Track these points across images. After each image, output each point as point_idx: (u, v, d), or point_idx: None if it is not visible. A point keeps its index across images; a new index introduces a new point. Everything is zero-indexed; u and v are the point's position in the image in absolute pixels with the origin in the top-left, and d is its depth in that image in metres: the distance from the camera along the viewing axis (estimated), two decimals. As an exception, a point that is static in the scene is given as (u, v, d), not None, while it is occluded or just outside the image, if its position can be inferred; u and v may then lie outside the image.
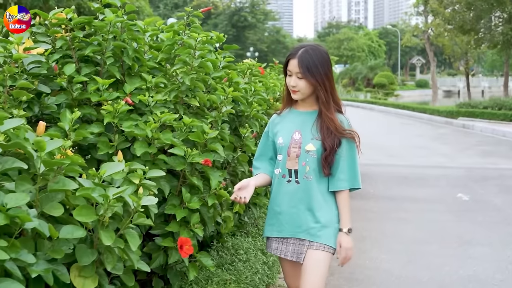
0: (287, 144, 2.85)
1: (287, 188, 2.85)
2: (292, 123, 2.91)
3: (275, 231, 2.92)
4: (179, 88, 3.36)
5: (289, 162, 2.84)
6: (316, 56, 2.77)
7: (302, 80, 2.76)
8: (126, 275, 2.59)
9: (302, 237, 2.83)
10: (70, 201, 2.40)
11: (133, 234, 2.45)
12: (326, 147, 2.78)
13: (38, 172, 2.26)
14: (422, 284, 4.87)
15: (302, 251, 2.83)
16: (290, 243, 2.88)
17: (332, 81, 2.85)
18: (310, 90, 2.80)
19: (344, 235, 2.83)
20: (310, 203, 2.82)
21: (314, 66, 2.74)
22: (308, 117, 2.89)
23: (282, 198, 2.87)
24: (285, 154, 2.85)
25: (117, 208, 2.39)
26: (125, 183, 2.61)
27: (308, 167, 2.80)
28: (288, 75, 2.84)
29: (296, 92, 2.82)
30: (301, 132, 2.85)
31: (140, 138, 3.10)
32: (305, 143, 2.82)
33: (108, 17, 3.27)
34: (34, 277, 2.11)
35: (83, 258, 2.31)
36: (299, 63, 2.75)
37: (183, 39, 3.49)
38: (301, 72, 2.74)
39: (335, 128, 2.79)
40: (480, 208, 7.78)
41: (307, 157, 2.80)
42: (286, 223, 2.86)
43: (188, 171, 3.11)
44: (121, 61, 3.43)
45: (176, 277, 3.23)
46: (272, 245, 2.95)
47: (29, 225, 2.09)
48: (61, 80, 3.13)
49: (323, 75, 2.77)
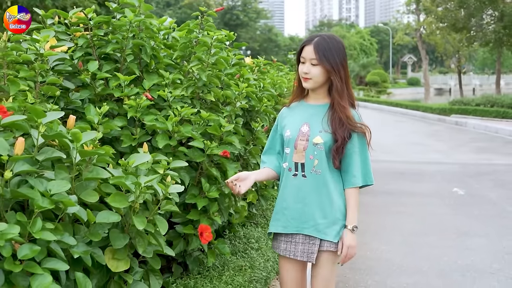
0: (295, 137, 2.75)
1: (293, 182, 2.74)
2: (300, 115, 2.80)
3: (280, 227, 2.79)
4: (196, 84, 3.52)
5: (295, 155, 2.74)
6: (332, 43, 2.67)
7: (316, 67, 2.66)
8: (153, 259, 2.75)
9: (309, 233, 2.71)
10: (102, 189, 2.57)
11: (162, 220, 2.62)
12: (338, 138, 2.67)
13: (74, 161, 2.42)
14: (422, 273, 5.06)
15: (313, 250, 2.71)
16: (299, 242, 2.74)
17: (348, 72, 2.75)
18: (323, 78, 2.69)
19: (348, 232, 2.71)
20: (317, 198, 2.71)
21: (330, 53, 2.65)
22: (319, 110, 2.78)
23: (288, 193, 2.76)
24: (292, 147, 2.75)
25: (147, 196, 2.56)
26: (150, 173, 2.77)
27: (316, 161, 2.69)
28: (301, 62, 2.73)
29: (308, 80, 2.70)
30: (310, 125, 2.74)
31: (159, 131, 3.26)
32: (313, 135, 2.70)
33: (129, 17, 3.42)
34: (73, 259, 2.28)
35: (117, 242, 2.48)
36: (314, 49, 2.65)
37: (198, 37, 3.65)
38: (316, 58, 2.64)
39: (347, 118, 2.68)
40: (475, 202, 7.99)
41: (315, 150, 2.69)
42: (292, 219, 2.74)
43: (206, 163, 3.28)
44: (139, 58, 3.59)
45: (194, 263, 3.40)
46: (281, 246, 2.80)
47: (71, 209, 2.26)
48: (85, 76, 3.29)
49: (339, 63, 2.67)
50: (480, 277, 4.94)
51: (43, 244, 2.09)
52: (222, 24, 71.35)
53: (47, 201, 2.11)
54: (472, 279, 4.89)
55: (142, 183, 2.46)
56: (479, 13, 25.94)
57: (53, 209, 2.21)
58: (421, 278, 4.93)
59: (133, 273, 2.63)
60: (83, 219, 2.35)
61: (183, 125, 3.23)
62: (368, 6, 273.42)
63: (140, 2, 3.61)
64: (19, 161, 2.11)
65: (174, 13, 69.29)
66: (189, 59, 3.74)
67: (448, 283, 4.80)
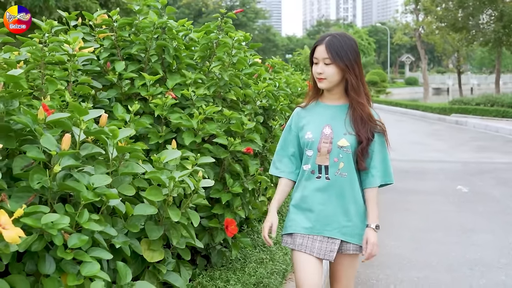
0: (317, 139, 2.70)
1: (317, 185, 2.71)
2: (321, 116, 2.76)
3: (301, 228, 2.75)
4: (218, 83, 3.65)
5: (319, 158, 2.70)
6: (344, 41, 2.65)
7: (330, 66, 2.63)
8: (183, 250, 2.88)
9: (333, 235, 2.70)
10: (135, 183, 2.69)
11: (194, 213, 2.75)
12: (362, 139, 2.66)
13: (111, 157, 2.55)
14: (432, 267, 5.19)
15: (333, 249, 2.70)
16: (316, 240, 2.71)
17: (362, 69, 2.73)
18: (338, 77, 2.66)
19: (371, 231, 2.70)
20: (342, 200, 2.69)
21: (343, 51, 2.62)
22: (339, 110, 2.75)
23: (311, 195, 2.73)
24: (315, 149, 2.70)
25: (180, 189, 2.68)
26: (179, 168, 2.89)
27: (342, 164, 2.67)
28: (315, 63, 2.70)
29: (323, 80, 2.67)
30: (332, 127, 2.71)
31: (184, 128, 3.38)
32: (337, 138, 2.67)
33: (153, 18, 3.54)
34: (112, 249, 2.41)
35: (152, 233, 2.60)
36: (326, 48, 2.62)
37: (218, 38, 3.78)
38: (329, 57, 2.61)
39: (368, 115, 2.68)
40: (479, 199, 8.12)
41: (340, 153, 2.67)
42: (316, 221, 2.71)
43: (230, 159, 3.40)
44: (161, 58, 3.71)
45: (218, 256, 3.52)
46: (296, 240, 2.75)
47: (112, 202, 2.38)
48: (112, 76, 3.41)
49: (352, 60, 2.64)
50: (488, 271, 5.07)
51: (88, 234, 2.21)
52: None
53: (91, 193, 2.23)
54: (480, 273, 5.02)
55: (176, 178, 2.58)
56: (479, 13, 26.12)
57: (98, 202, 2.34)
58: (430, 273, 5.05)
59: (166, 263, 2.76)
60: (121, 212, 2.48)
61: (208, 122, 3.35)
62: (365, 6, 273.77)
63: (162, 4, 3.72)
64: (65, 156, 2.23)
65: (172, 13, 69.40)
66: (209, 59, 3.86)
67: (457, 277, 4.93)
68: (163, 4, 3.72)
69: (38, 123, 2.29)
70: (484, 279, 4.86)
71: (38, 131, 2.25)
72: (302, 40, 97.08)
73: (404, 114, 27.01)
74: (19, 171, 2.22)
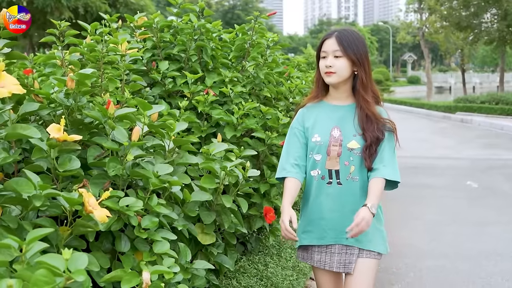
0: (326, 142, 2.58)
1: (329, 191, 2.59)
2: (328, 118, 2.64)
3: (315, 239, 2.64)
4: (253, 81, 3.89)
5: (328, 162, 2.58)
6: (354, 35, 2.58)
7: (340, 59, 2.54)
8: (230, 235, 3.12)
9: (348, 243, 2.58)
10: (188, 172, 2.94)
11: (243, 200, 2.99)
12: (367, 138, 2.54)
13: (167, 148, 2.80)
14: (449, 257, 5.43)
15: (351, 260, 2.59)
16: (334, 253, 2.61)
17: (370, 66, 2.64)
18: (347, 71, 2.56)
19: (365, 209, 2.42)
20: (356, 206, 2.52)
21: (354, 44, 2.54)
22: (346, 111, 2.64)
23: (323, 202, 2.61)
24: (324, 153, 2.59)
25: (231, 178, 2.93)
26: (224, 160, 3.13)
27: (353, 167, 2.56)
28: (322, 57, 2.60)
29: (332, 74, 2.56)
30: (341, 128, 2.60)
31: (222, 123, 3.63)
32: (347, 140, 2.57)
33: (194, 21, 3.78)
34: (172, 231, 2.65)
35: (206, 218, 2.85)
36: (337, 40, 2.54)
37: (252, 39, 4.02)
38: (340, 49, 2.52)
39: (373, 114, 2.57)
40: (489, 194, 8.37)
41: (351, 155, 2.56)
42: (330, 229, 2.60)
43: (267, 152, 3.65)
44: (199, 58, 3.96)
45: (256, 242, 3.77)
46: (314, 257, 2.66)
47: (175, 188, 2.63)
48: (157, 75, 3.66)
49: (363, 55, 2.57)
50: (503, 260, 5.32)
51: (155, 216, 2.46)
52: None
53: (158, 180, 2.47)
54: (495, 262, 5.26)
55: (228, 167, 2.83)
56: (483, 12, 26.35)
57: (161, 188, 2.58)
58: (447, 262, 5.29)
59: (216, 246, 3.00)
60: (179, 198, 2.72)
61: (247, 118, 3.59)
62: (366, 5, 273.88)
63: (201, 8, 3.97)
64: (134, 146, 2.47)
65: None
66: (243, 59, 4.10)
67: (474, 265, 5.17)
68: (201, 8, 3.96)
69: (109, 117, 2.53)
70: (498, 267, 5.10)
71: (110, 125, 2.49)
72: (304, 39, 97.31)
73: (409, 112, 27.25)
74: (92, 160, 2.47)
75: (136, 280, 1.96)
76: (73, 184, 2.33)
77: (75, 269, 1.53)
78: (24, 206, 2.05)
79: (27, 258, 1.63)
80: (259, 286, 3.25)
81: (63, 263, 1.52)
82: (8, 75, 2.00)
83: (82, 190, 2.02)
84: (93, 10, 21.43)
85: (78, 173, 2.34)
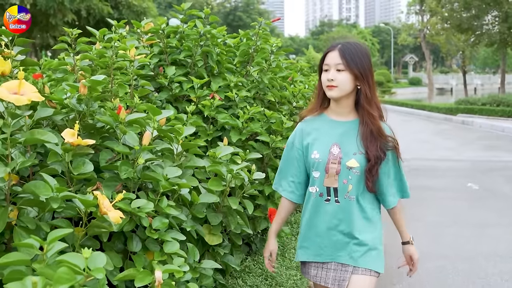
0: (325, 160, 2.52)
1: (326, 208, 2.55)
2: (329, 134, 2.58)
3: (311, 255, 2.63)
4: (258, 86, 3.99)
5: (327, 180, 2.53)
6: (358, 48, 2.51)
7: (342, 73, 2.45)
8: (236, 236, 3.22)
9: (344, 261, 2.55)
10: (196, 175, 3.04)
11: (248, 202, 3.09)
12: (370, 157, 2.48)
13: (175, 152, 2.89)
14: (449, 258, 5.52)
15: (345, 277, 2.55)
16: (330, 269, 2.58)
17: (374, 80, 2.57)
18: (350, 86, 2.48)
19: (411, 247, 2.74)
20: (352, 224, 2.52)
21: (357, 57, 2.47)
22: (348, 127, 2.57)
23: (320, 219, 2.57)
24: (322, 171, 2.53)
25: (237, 181, 3.03)
26: (230, 163, 3.23)
27: (351, 186, 2.51)
28: (324, 70, 2.52)
29: (333, 88, 2.47)
30: (340, 146, 2.53)
31: (228, 127, 3.73)
32: (346, 158, 2.50)
33: (200, 27, 3.88)
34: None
35: (213, 219, 2.94)
36: (340, 53, 2.46)
37: (257, 44, 4.12)
38: (343, 62, 2.44)
39: (378, 130, 2.50)
40: (490, 196, 8.46)
41: (350, 174, 2.50)
42: (326, 247, 2.57)
43: (271, 155, 3.75)
44: (205, 63, 4.06)
45: (260, 243, 3.87)
46: (311, 271, 2.65)
47: (183, 191, 2.72)
48: (164, 79, 3.76)
49: (367, 68, 2.49)
50: (502, 261, 5.41)
51: (165, 218, 2.56)
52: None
53: (167, 183, 2.57)
54: (494, 263, 5.35)
55: (234, 170, 2.93)
56: (484, 14, 26.46)
57: (171, 191, 2.68)
58: (447, 263, 5.39)
59: (222, 246, 3.10)
60: (187, 200, 2.82)
61: (252, 122, 3.69)
62: (368, 6, 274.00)
63: (206, 14, 4.07)
64: (145, 150, 2.57)
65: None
66: (247, 64, 4.20)
67: (473, 266, 5.27)
68: (206, 14, 4.06)
69: (120, 122, 2.63)
70: (498, 268, 5.19)
71: (122, 129, 2.59)
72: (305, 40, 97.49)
73: (410, 114, 27.35)
74: (104, 164, 2.57)
75: (149, 278, 2.06)
76: (86, 186, 2.42)
77: (94, 267, 1.63)
78: (41, 208, 2.16)
79: (48, 257, 1.73)
80: (264, 285, 3.35)
81: (83, 261, 1.62)
82: (27, 83, 2.09)
83: (96, 193, 2.12)
84: (95, 12, 21.50)
85: (91, 176, 2.44)
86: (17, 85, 2.07)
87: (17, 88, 2.06)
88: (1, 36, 2.84)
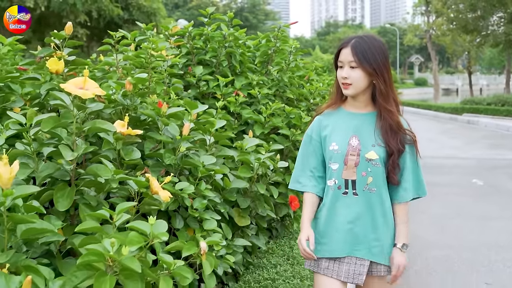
0: (344, 152, 2.47)
1: (344, 201, 2.49)
2: (346, 126, 2.53)
3: (327, 251, 2.52)
4: (278, 84, 4.34)
5: (345, 172, 2.47)
6: (371, 43, 2.45)
7: (356, 70, 2.42)
8: (261, 219, 3.56)
9: (361, 256, 2.48)
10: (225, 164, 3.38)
11: (274, 188, 3.43)
12: (392, 151, 2.46)
13: (208, 143, 3.24)
14: (453, 248, 5.85)
15: (362, 272, 2.47)
16: (343, 262, 2.50)
17: (391, 75, 2.51)
18: (364, 83, 2.45)
19: (398, 251, 2.51)
20: (371, 218, 2.48)
21: (370, 54, 2.41)
22: (366, 119, 2.54)
23: (338, 213, 2.50)
24: (341, 162, 2.48)
25: (263, 169, 3.37)
26: (255, 153, 3.57)
27: (370, 178, 2.46)
28: (339, 66, 2.49)
29: (348, 86, 2.45)
30: (359, 137, 2.49)
31: (251, 121, 4.07)
32: (365, 150, 2.46)
33: (224, 29, 4.23)
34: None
35: (243, 203, 3.28)
36: (352, 50, 2.42)
37: (276, 46, 4.46)
38: (355, 60, 2.40)
39: (397, 124, 2.47)
40: (494, 191, 8.78)
41: (369, 166, 2.45)
42: (343, 241, 2.49)
43: (291, 147, 4.09)
44: (229, 63, 4.40)
45: (282, 228, 4.21)
46: (322, 264, 2.54)
47: (218, 176, 3.07)
48: (192, 78, 4.10)
49: (381, 64, 2.43)
50: (503, 250, 5.73)
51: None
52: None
53: (204, 169, 2.91)
54: (496, 252, 5.67)
55: (262, 159, 3.27)
56: (490, 15, 26.73)
57: (207, 176, 3.02)
58: (452, 252, 5.71)
59: (250, 228, 3.44)
60: (220, 185, 3.16)
61: (274, 117, 4.03)
62: (373, 7, 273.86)
63: (230, 18, 4.41)
64: (185, 140, 2.91)
65: (182, 15, 70.05)
66: (267, 63, 4.55)
67: (476, 255, 5.59)
68: (230, 18, 4.40)
69: (162, 115, 2.97)
70: (500, 256, 5.51)
71: (164, 121, 2.93)
72: (311, 41, 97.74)
73: (416, 114, 27.65)
74: (149, 152, 2.91)
75: (194, 248, 2.39)
76: (135, 171, 2.77)
77: (158, 232, 1.97)
78: (98, 188, 2.50)
79: (116, 225, 2.08)
80: (286, 264, 3.69)
81: (149, 227, 1.96)
82: (90, 80, 2.43)
83: (148, 175, 2.46)
84: (105, 13, 21.92)
85: (139, 162, 2.79)
86: (82, 81, 2.41)
87: (82, 84, 2.40)
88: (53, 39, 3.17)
